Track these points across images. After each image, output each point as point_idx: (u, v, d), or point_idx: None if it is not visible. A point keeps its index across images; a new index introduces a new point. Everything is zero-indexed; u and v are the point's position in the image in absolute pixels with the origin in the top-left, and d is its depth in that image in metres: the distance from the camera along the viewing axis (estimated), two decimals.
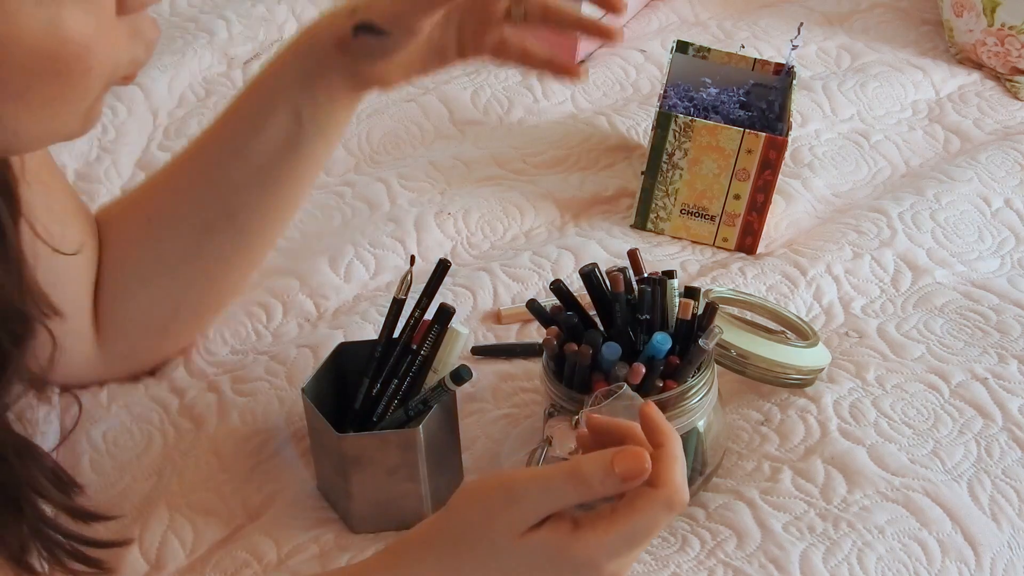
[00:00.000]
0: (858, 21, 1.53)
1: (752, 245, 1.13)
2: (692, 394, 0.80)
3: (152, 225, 0.90)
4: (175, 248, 0.89)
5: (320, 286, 1.05)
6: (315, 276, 1.06)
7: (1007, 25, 1.38)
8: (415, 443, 0.78)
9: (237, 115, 0.88)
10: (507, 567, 0.62)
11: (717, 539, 0.82)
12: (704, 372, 0.81)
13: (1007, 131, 1.32)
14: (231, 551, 0.82)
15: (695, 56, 1.21)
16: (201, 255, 0.90)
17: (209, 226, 0.89)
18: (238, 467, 0.89)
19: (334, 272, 1.07)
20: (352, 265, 1.08)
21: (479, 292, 1.05)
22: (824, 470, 0.87)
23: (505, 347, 0.99)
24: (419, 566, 0.64)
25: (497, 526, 0.62)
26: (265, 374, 0.96)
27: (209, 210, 0.89)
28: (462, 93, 1.34)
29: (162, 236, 0.90)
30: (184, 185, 0.89)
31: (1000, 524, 0.84)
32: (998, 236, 1.15)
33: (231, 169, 0.87)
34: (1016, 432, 0.91)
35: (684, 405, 0.80)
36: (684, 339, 0.81)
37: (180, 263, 0.90)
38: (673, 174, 1.12)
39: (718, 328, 0.80)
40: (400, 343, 0.82)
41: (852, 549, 0.81)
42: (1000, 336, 1.01)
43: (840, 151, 1.27)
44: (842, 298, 1.06)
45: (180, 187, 0.90)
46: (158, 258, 0.90)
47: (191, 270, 0.91)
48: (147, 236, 0.90)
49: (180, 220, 0.89)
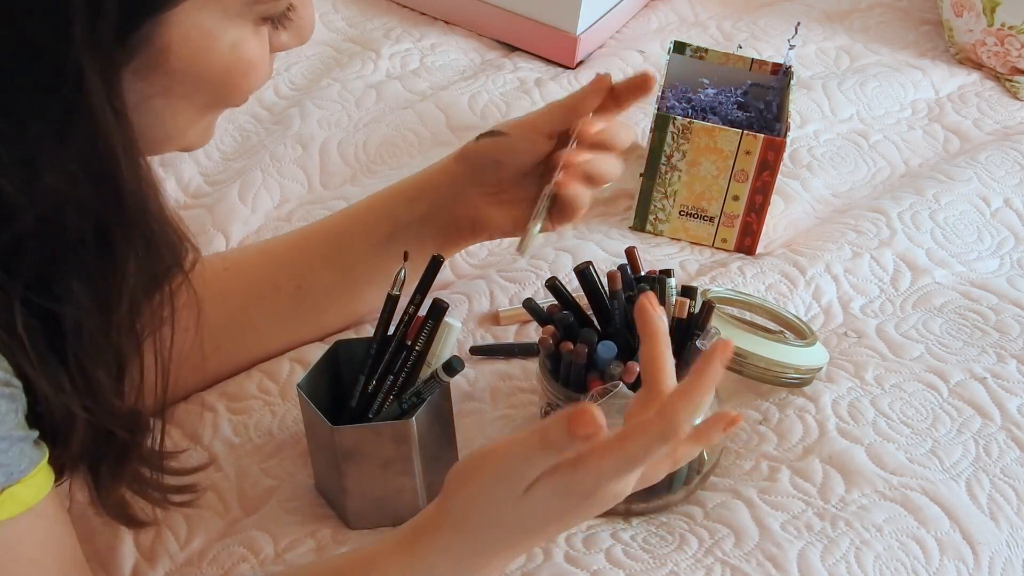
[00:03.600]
0: (858, 20, 1.53)
1: (751, 246, 1.13)
2: None
3: (234, 307, 0.94)
4: (258, 316, 0.95)
5: None
6: None
7: (1007, 25, 1.38)
8: (408, 435, 0.79)
9: (340, 243, 0.96)
10: (521, 523, 0.65)
11: (715, 537, 0.82)
12: None
13: (1007, 131, 1.32)
14: (227, 545, 0.82)
15: (692, 57, 1.21)
16: (271, 329, 0.96)
17: (291, 305, 0.95)
18: (236, 467, 0.89)
19: None
20: None
21: (477, 296, 1.05)
22: (822, 469, 0.87)
23: (503, 347, 0.99)
24: (436, 546, 0.66)
25: (497, 497, 0.64)
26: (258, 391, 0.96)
27: (296, 309, 0.96)
28: (459, 98, 1.34)
29: (255, 302, 0.95)
30: (275, 283, 0.96)
31: (998, 523, 0.84)
32: (997, 236, 1.15)
33: (326, 273, 0.95)
34: (1015, 431, 0.91)
35: None
36: (680, 338, 0.81)
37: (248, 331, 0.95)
38: (671, 176, 1.12)
39: (715, 328, 0.80)
40: (395, 340, 0.83)
41: (850, 547, 0.81)
42: (999, 336, 1.01)
43: (839, 151, 1.27)
44: (841, 298, 1.06)
45: (293, 266, 0.96)
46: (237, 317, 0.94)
47: (254, 338, 0.95)
48: (243, 299, 0.95)
49: (275, 292, 0.95)
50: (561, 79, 1.38)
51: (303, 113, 1.28)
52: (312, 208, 1.16)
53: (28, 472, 0.60)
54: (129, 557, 0.82)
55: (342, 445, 0.80)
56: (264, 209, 1.16)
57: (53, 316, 0.61)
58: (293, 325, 0.97)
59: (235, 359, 0.96)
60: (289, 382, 0.95)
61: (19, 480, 0.60)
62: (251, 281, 0.95)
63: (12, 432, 0.60)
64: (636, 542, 0.82)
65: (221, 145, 1.25)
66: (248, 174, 1.19)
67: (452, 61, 1.42)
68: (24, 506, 0.61)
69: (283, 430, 0.92)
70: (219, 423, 0.92)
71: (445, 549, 0.66)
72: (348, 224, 0.98)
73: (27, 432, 0.61)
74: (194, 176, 1.20)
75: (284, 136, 1.25)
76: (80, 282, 0.61)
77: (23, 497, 0.60)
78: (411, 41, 1.44)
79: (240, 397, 0.94)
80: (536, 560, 0.80)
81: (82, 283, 0.61)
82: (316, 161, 1.23)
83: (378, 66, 1.39)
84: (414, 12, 1.51)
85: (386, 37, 1.45)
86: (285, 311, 0.96)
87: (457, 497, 0.66)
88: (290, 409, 0.93)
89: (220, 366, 0.95)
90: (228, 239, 1.12)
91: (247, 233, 1.13)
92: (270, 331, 0.96)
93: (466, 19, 1.48)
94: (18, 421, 0.60)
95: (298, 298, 0.95)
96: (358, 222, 0.97)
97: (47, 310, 0.61)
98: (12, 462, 0.59)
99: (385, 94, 1.34)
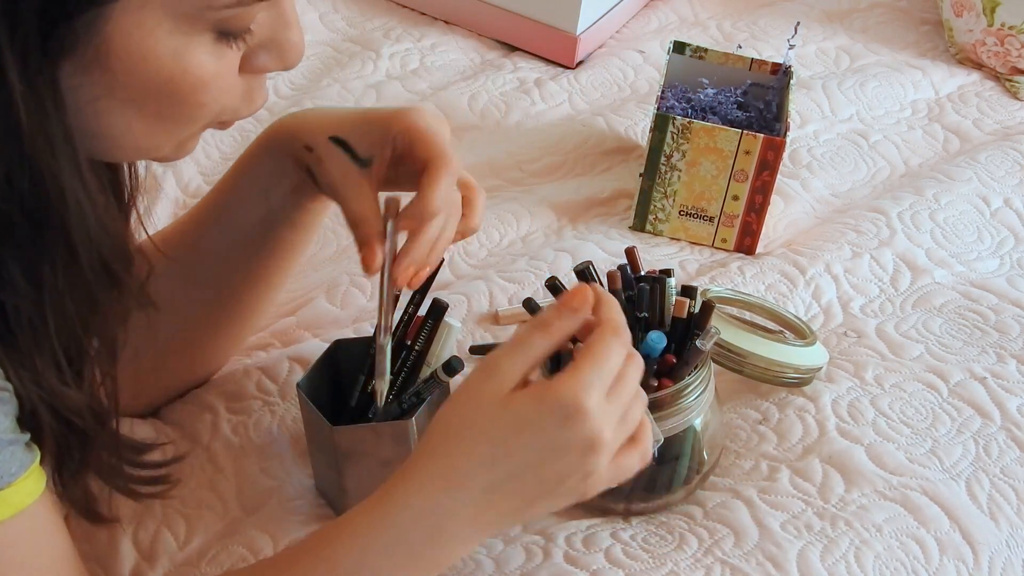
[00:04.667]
0: (858, 20, 1.53)
1: (751, 246, 1.13)
2: (688, 392, 0.80)
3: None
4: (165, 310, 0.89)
5: (317, 317, 1.03)
6: (312, 310, 1.04)
7: (1007, 25, 1.38)
8: (408, 435, 0.79)
9: (220, 192, 0.91)
10: (502, 432, 0.67)
11: (715, 537, 0.82)
12: (700, 371, 0.81)
13: (1007, 131, 1.32)
14: (227, 546, 0.82)
15: (692, 56, 1.21)
16: (189, 321, 0.91)
17: (196, 289, 0.90)
18: (236, 467, 0.89)
19: (330, 303, 1.05)
20: (348, 293, 1.06)
21: (476, 296, 1.05)
22: (822, 469, 0.87)
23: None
24: (408, 485, 0.68)
25: (484, 398, 0.67)
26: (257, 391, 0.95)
27: (197, 275, 0.90)
28: (459, 98, 1.34)
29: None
30: (177, 251, 0.90)
31: (998, 523, 0.84)
32: (997, 236, 1.15)
33: (214, 240, 0.90)
34: (1014, 431, 0.91)
35: (680, 403, 0.80)
36: (680, 338, 0.81)
37: (168, 325, 0.87)
38: (671, 176, 1.12)
39: (715, 328, 0.80)
40: (394, 339, 0.82)
41: (850, 547, 0.81)
42: (999, 336, 1.01)
43: (839, 151, 1.27)
44: (841, 297, 1.06)
45: (175, 251, 0.90)
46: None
47: (178, 336, 0.90)
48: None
49: (172, 280, 0.88)
50: (561, 79, 1.38)
51: None
52: None
53: (19, 475, 0.61)
54: (128, 557, 0.82)
55: (342, 445, 0.80)
56: None
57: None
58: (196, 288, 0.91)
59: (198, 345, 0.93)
60: (288, 382, 0.95)
61: (10, 484, 0.60)
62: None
63: (3, 436, 0.60)
64: (636, 542, 0.82)
65: (221, 145, 1.25)
66: None
67: (452, 61, 1.42)
68: (16, 509, 0.61)
69: (283, 430, 0.92)
70: (219, 423, 0.92)
71: (418, 484, 0.68)
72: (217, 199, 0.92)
73: (18, 435, 0.61)
74: (194, 176, 1.20)
75: None
76: (16, 266, 0.60)
77: (15, 500, 0.61)
78: (411, 41, 1.44)
79: (240, 397, 0.94)
80: (536, 560, 0.80)
81: (17, 267, 0.60)
82: None
83: (378, 66, 1.39)
84: (414, 12, 1.51)
85: (386, 37, 1.45)
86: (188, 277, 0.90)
87: (437, 421, 0.69)
88: (290, 409, 0.93)
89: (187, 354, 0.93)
90: None
91: None
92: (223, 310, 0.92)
93: (466, 19, 1.48)
94: (9, 424, 0.60)
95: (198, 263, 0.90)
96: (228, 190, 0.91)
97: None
98: (3, 465, 0.60)
99: (385, 94, 1.34)
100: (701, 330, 0.80)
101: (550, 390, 0.66)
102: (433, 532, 0.67)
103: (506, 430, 0.67)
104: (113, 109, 0.61)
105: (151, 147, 0.66)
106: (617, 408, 0.68)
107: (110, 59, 0.58)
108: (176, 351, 0.90)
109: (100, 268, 0.63)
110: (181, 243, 0.90)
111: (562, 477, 0.68)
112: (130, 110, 0.61)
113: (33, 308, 0.61)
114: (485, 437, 0.67)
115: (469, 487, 0.67)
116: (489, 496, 0.67)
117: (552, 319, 0.68)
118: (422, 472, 0.68)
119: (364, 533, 0.68)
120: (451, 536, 0.68)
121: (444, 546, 0.68)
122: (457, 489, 0.67)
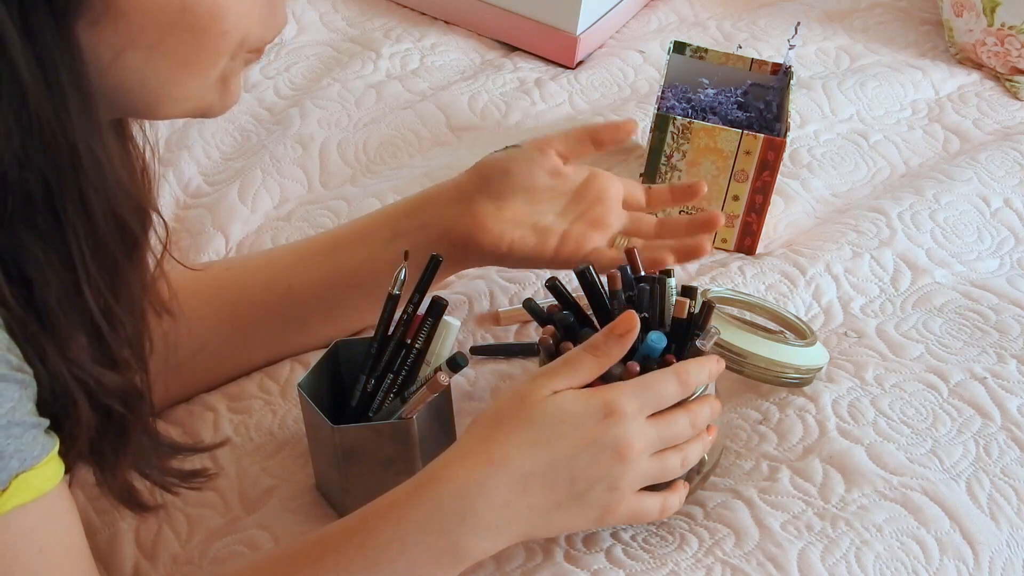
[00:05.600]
0: (858, 20, 1.53)
1: (751, 246, 1.13)
2: None
3: (224, 305, 0.93)
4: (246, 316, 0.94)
5: None
6: None
7: (1007, 25, 1.38)
8: (409, 434, 0.79)
9: (337, 243, 0.96)
10: (545, 420, 0.72)
11: (715, 537, 0.82)
12: None
13: (1007, 131, 1.32)
14: (228, 544, 0.82)
15: (692, 57, 1.21)
16: (214, 348, 0.93)
17: (280, 308, 0.94)
18: (236, 466, 0.89)
19: None
20: None
21: (477, 296, 1.05)
22: (822, 469, 0.87)
23: (503, 346, 0.99)
24: (468, 443, 0.73)
25: (532, 395, 0.73)
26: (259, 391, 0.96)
27: (284, 311, 0.95)
28: (459, 98, 1.34)
29: (246, 302, 0.94)
30: (267, 283, 0.95)
31: (999, 523, 0.84)
32: (997, 236, 1.15)
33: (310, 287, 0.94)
34: (1015, 431, 0.91)
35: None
36: (680, 337, 0.81)
37: (189, 346, 0.90)
38: (671, 176, 1.12)
39: (715, 328, 0.80)
40: (395, 339, 0.82)
41: (850, 547, 0.81)
42: (999, 336, 1.01)
43: (839, 151, 1.27)
44: (841, 298, 1.06)
45: (289, 267, 0.96)
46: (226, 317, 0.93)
47: (199, 357, 0.93)
48: (235, 296, 0.94)
49: (266, 292, 0.94)
50: (561, 79, 1.38)
51: (303, 113, 1.28)
52: (312, 208, 1.16)
53: (41, 459, 0.60)
54: (130, 555, 0.82)
55: (343, 444, 0.80)
56: (264, 209, 1.16)
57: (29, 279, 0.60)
58: (277, 328, 0.95)
59: (217, 362, 0.95)
60: (290, 382, 0.95)
61: (32, 467, 0.60)
62: (246, 282, 0.95)
63: (26, 418, 0.59)
64: (636, 542, 0.82)
65: (221, 145, 1.25)
66: (248, 174, 1.19)
67: (452, 61, 1.42)
68: (38, 493, 0.60)
69: (283, 430, 0.92)
70: (220, 423, 0.92)
71: (460, 459, 0.72)
72: (348, 228, 0.98)
73: (39, 420, 0.61)
74: (194, 176, 1.20)
75: (284, 136, 1.25)
76: (36, 240, 0.59)
77: (36, 484, 0.60)
78: (411, 41, 1.44)
79: (241, 397, 0.94)
80: (536, 559, 0.80)
81: (37, 241, 0.60)
82: (316, 161, 1.23)
83: (378, 66, 1.39)
84: (414, 12, 1.51)
85: (386, 37, 1.45)
86: (273, 312, 0.94)
87: (484, 413, 0.74)
88: (291, 409, 0.93)
89: (202, 368, 0.94)
90: (228, 239, 1.12)
91: (247, 233, 1.13)
92: (255, 333, 0.95)
93: (466, 19, 1.48)
94: (31, 408, 0.60)
95: (287, 299, 0.94)
96: (358, 227, 0.98)
97: (22, 272, 0.60)
98: (26, 448, 0.59)
99: (385, 94, 1.34)
100: (701, 330, 0.80)
101: (596, 390, 0.73)
102: (466, 510, 0.70)
103: (549, 418, 0.72)
104: (140, 60, 0.61)
105: (191, 95, 0.65)
106: (654, 434, 0.74)
107: (120, 3, 0.58)
108: (191, 368, 0.91)
109: (116, 227, 0.63)
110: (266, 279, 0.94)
111: (591, 481, 0.72)
112: (156, 56, 0.61)
113: (61, 281, 0.61)
114: (529, 423, 0.72)
115: (507, 468, 0.70)
116: (524, 482, 0.71)
117: (600, 343, 0.74)
118: (464, 449, 0.72)
119: (403, 506, 0.70)
120: (481, 520, 0.70)
121: (472, 529, 0.70)
122: (496, 468, 0.70)
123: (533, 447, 0.71)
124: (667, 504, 0.77)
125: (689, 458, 0.77)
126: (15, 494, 0.59)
